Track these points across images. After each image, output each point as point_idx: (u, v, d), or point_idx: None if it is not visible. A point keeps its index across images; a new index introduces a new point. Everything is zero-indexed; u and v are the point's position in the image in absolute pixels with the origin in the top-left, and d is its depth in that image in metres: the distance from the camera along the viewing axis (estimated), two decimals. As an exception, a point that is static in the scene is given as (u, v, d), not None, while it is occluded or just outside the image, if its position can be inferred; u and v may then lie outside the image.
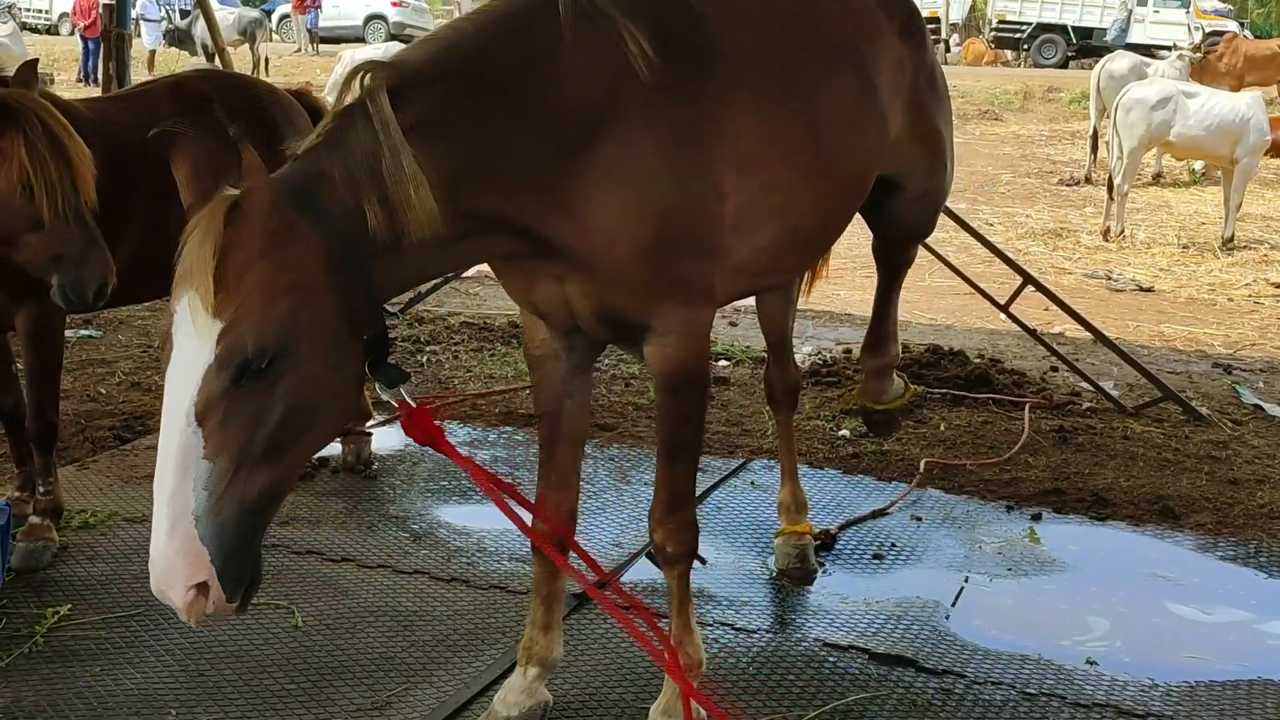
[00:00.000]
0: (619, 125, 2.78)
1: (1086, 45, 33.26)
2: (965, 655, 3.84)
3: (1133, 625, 4.16)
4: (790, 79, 3.20)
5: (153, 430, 2.24)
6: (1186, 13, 33.10)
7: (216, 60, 9.30)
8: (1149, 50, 26.49)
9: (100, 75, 11.06)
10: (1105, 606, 4.26)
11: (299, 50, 31.78)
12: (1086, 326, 6.79)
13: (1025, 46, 34.64)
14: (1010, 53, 35.51)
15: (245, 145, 2.30)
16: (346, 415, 2.64)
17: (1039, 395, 6.58)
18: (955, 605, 4.22)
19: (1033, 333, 6.90)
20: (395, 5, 34.36)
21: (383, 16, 34.18)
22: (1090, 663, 3.84)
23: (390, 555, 4.39)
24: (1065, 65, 33.04)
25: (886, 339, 4.32)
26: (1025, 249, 11.82)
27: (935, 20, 35.53)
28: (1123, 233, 12.70)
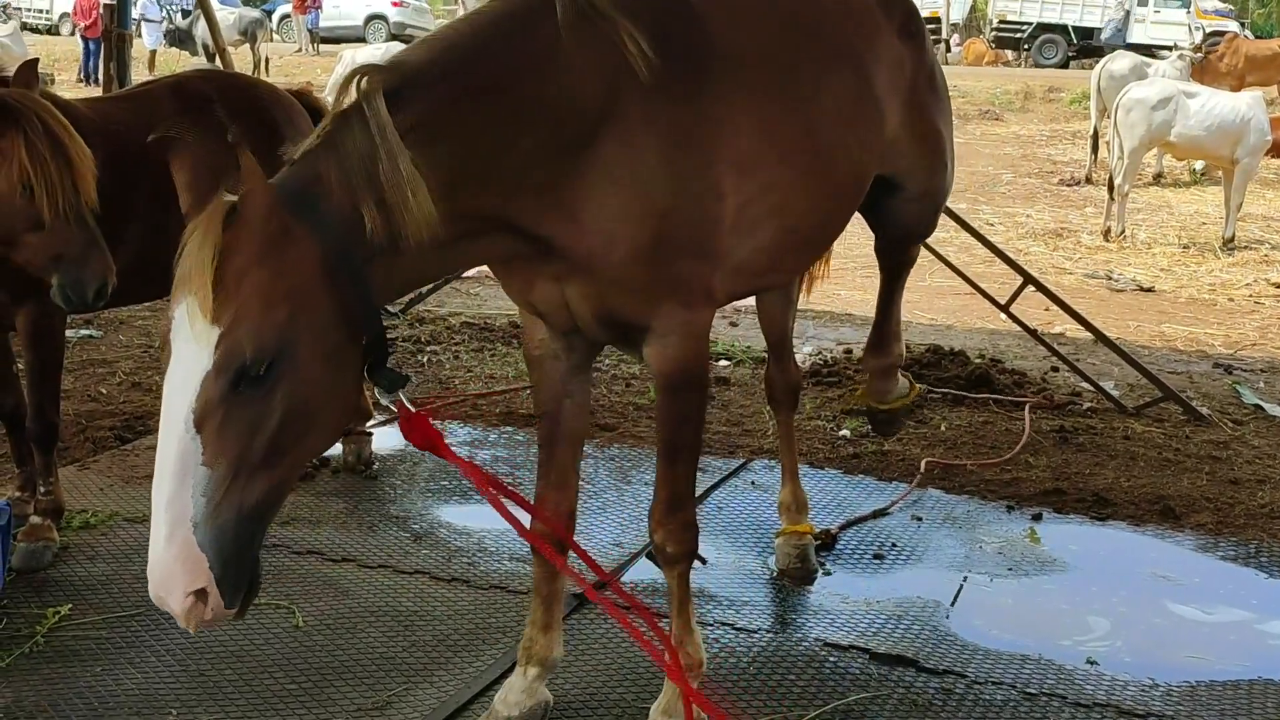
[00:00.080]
0: (618, 125, 2.77)
1: (1087, 45, 33.25)
2: (966, 655, 3.84)
3: (1133, 625, 4.16)
4: (789, 79, 3.20)
5: (153, 430, 2.24)
6: (1187, 13, 33.08)
7: (217, 60, 9.29)
8: (1150, 50, 26.48)
9: (101, 75, 11.05)
10: (1106, 606, 4.26)
11: (299, 50, 31.79)
12: (1087, 327, 6.79)
13: (1026, 47, 34.64)
14: (1011, 53, 35.50)
15: (243, 149, 2.30)
16: (345, 420, 2.64)
17: (1040, 395, 6.59)
18: (956, 605, 4.22)
19: (1033, 333, 6.90)
20: (396, 5, 34.36)
21: (383, 16, 34.18)
22: (1091, 662, 3.84)
23: (391, 555, 4.39)
24: (1066, 65, 33.03)
25: (890, 339, 4.32)
26: (1026, 249, 11.82)
27: (936, 20, 35.56)
28: (1123, 233, 12.70)
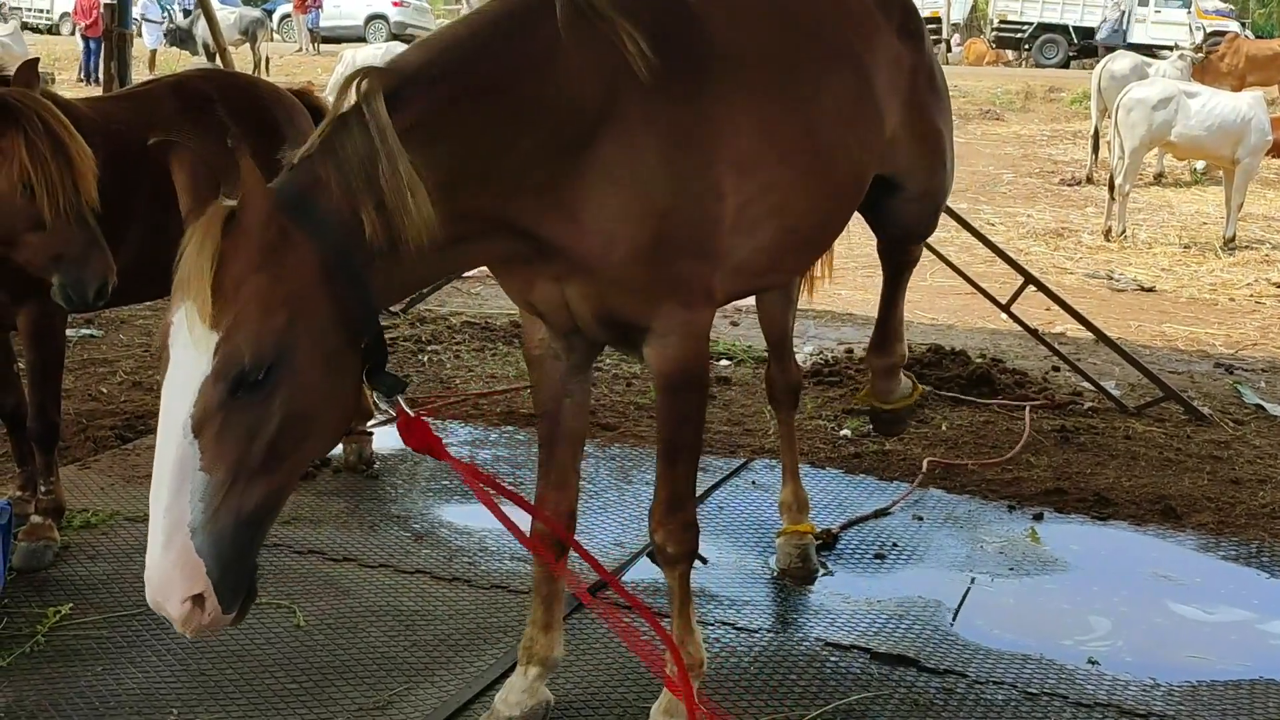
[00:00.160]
0: (618, 125, 2.77)
1: (1088, 45, 33.25)
2: (967, 655, 3.84)
3: (1135, 625, 4.16)
4: (789, 78, 3.20)
5: (154, 430, 2.24)
6: (1188, 12, 33.09)
7: (218, 60, 9.29)
8: (1150, 50, 26.49)
9: (101, 75, 11.05)
10: (1107, 606, 4.25)
11: (300, 50, 31.80)
12: (1088, 326, 6.78)
13: (1027, 46, 34.65)
14: (1011, 53, 35.51)
15: (242, 153, 2.29)
16: (344, 424, 2.63)
17: (1041, 395, 6.58)
18: (957, 605, 4.21)
19: (1034, 333, 6.90)
20: (396, 5, 34.37)
21: (384, 16, 34.19)
22: (1092, 662, 3.84)
23: (392, 555, 4.39)
24: (1066, 65, 33.03)
25: (892, 338, 4.31)
26: (1027, 249, 11.82)
27: (936, 20, 35.58)
28: (1124, 233, 12.69)
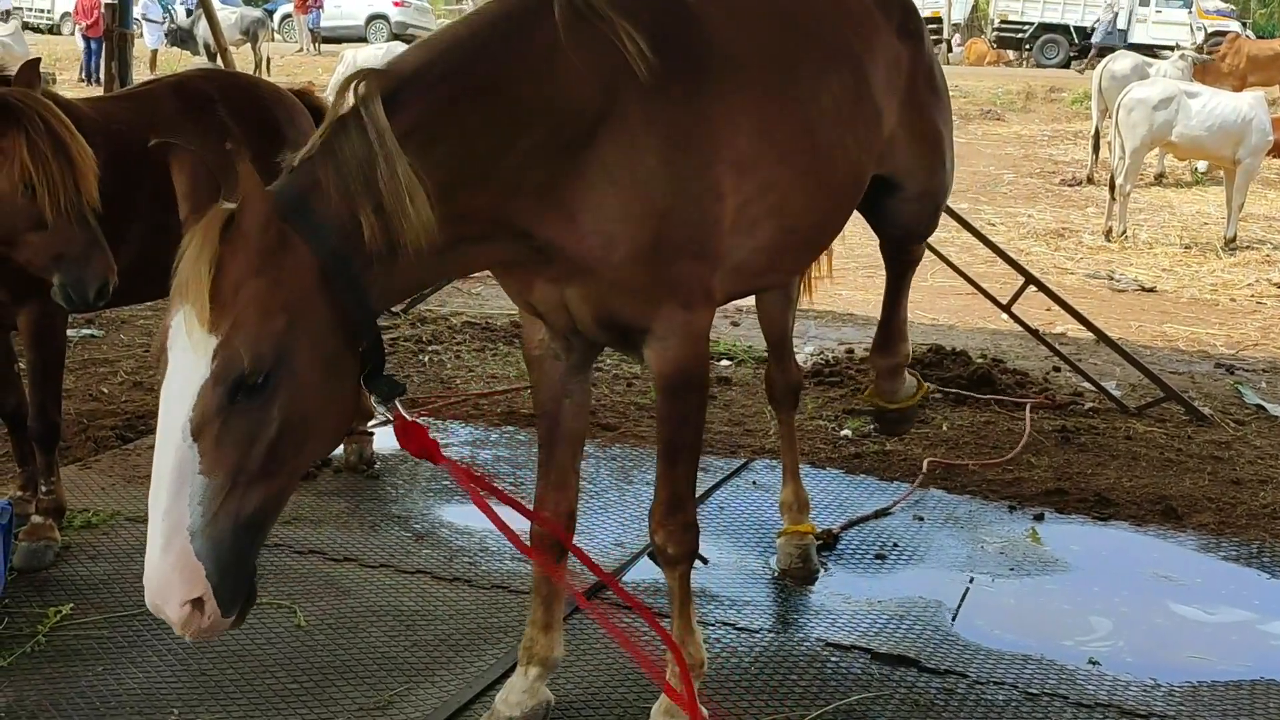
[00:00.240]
0: (617, 126, 2.77)
1: (1088, 45, 33.25)
2: (968, 655, 3.84)
3: (1135, 625, 4.15)
4: (788, 78, 3.20)
5: (154, 430, 2.23)
6: (1189, 13, 33.09)
7: (219, 60, 9.30)
8: (1151, 50, 26.49)
9: (102, 75, 11.04)
10: (1108, 606, 4.25)
11: (301, 50, 31.80)
12: (1089, 327, 6.78)
13: (1027, 47, 34.64)
14: (1012, 53, 35.50)
15: (241, 157, 2.29)
16: (343, 427, 2.63)
17: (1041, 395, 6.58)
18: (958, 605, 4.21)
19: (1035, 333, 6.90)
20: (397, 5, 34.38)
21: (385, 16, 34.19)
22: (1093, 663, 3.84)
23: (393, 555, 4.39)
24: (1067, 65, 33.02)
25: (896, 338, 4.31)
26: (1027, 249, 11.82)
27: (937, 20, 35.57)
28: (1125, 233, 12.69)
